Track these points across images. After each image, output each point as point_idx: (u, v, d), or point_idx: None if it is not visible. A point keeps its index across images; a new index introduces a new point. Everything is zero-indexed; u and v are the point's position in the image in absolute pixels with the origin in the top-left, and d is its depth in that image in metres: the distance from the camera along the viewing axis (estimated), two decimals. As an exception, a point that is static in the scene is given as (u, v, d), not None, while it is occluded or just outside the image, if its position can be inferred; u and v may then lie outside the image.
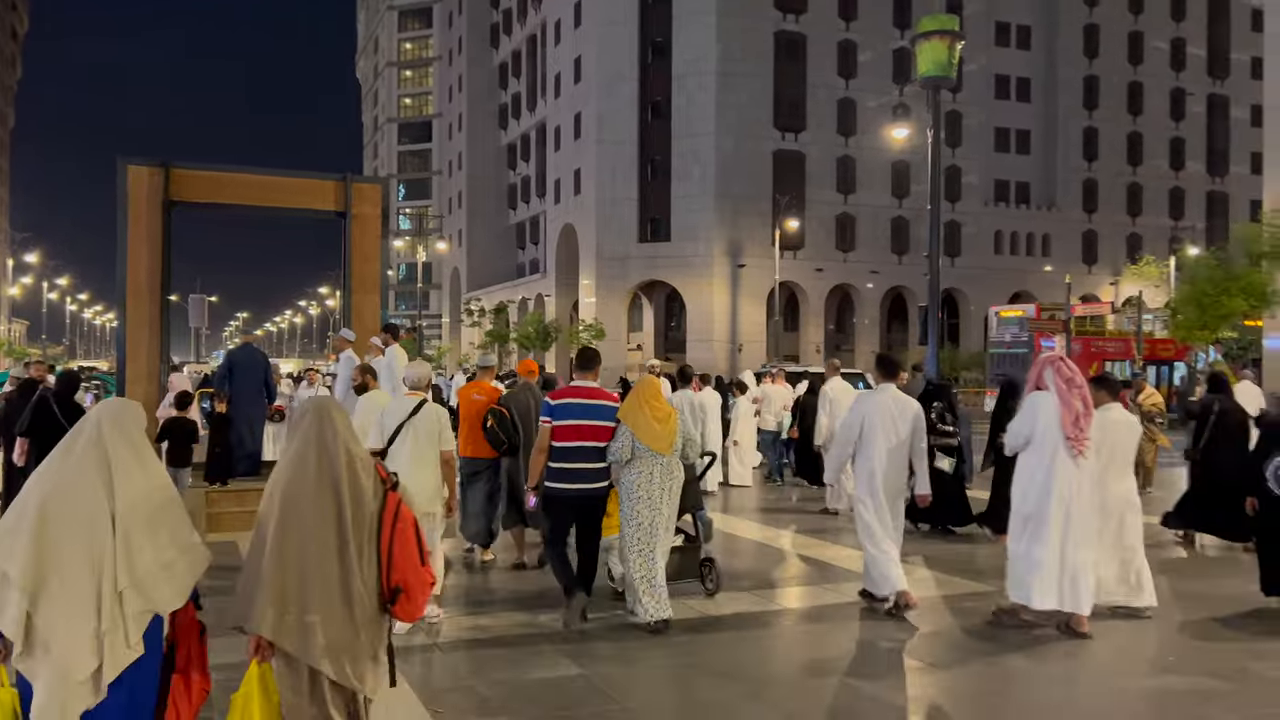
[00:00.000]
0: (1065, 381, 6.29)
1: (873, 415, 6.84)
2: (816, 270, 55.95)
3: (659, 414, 6.37)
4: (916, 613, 6.77)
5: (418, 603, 3.03)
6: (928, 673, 5.67)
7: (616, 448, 6.32)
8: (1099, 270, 62.35)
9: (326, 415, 3.00)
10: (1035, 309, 36.41)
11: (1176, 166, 65.82)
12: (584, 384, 6.54)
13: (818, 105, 56.42)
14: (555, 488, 6.36)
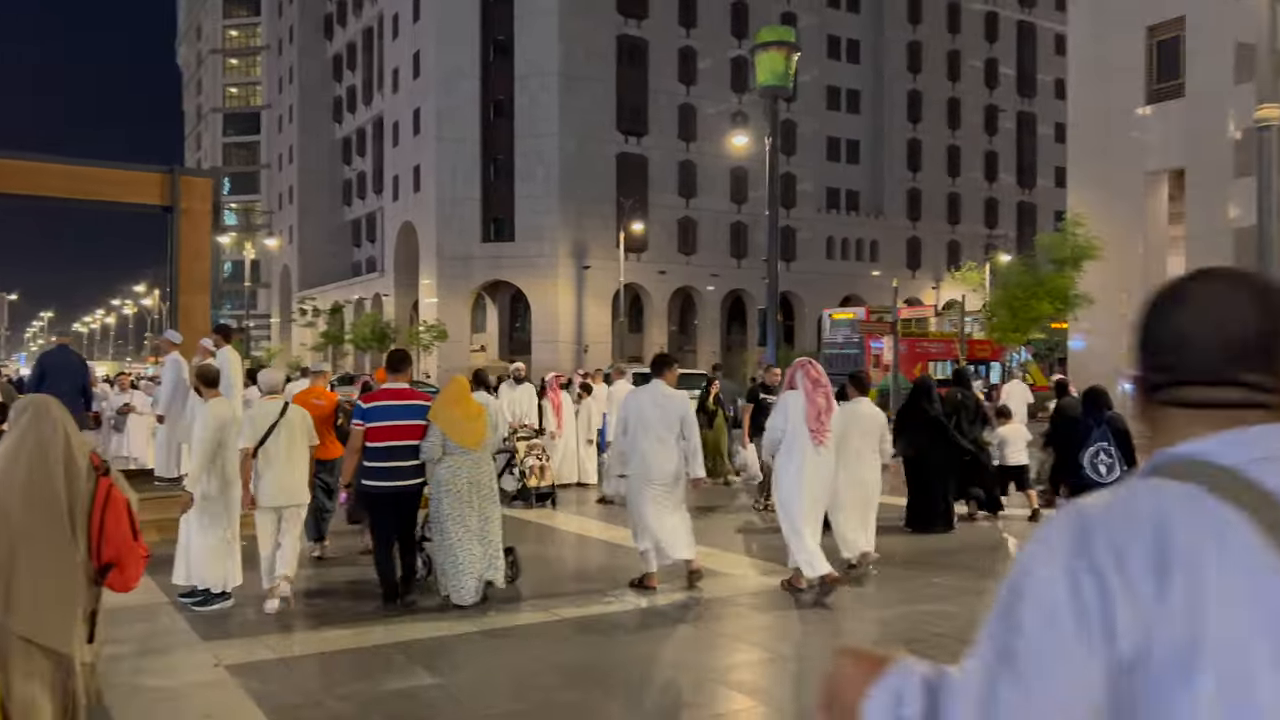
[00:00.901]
0: (812, 382, 7.25)
1: (643, 410, 7.35)
2: (659, 272, 56.81)
3: (468, 412, 6.84)
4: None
5: (130, 574, 3.27)
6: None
7: (428, 446, 6.70)
8: (922, 275, 65.92)
9: (45, 409, 3.20)
10: (865, 311, 38.10)
11: (991, 178, 70.40)
12: (396, 385, 6.90)
13: (659, 110, 57.30)
14: (374, 485, 6.72)
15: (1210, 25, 23.71)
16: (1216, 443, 1.07)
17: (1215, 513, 1.01)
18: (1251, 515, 1.00)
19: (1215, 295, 1.15)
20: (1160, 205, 25.75)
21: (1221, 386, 1.11)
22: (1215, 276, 1.18)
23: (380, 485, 6.72)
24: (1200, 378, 1.12)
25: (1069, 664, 0.96)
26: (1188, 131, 24.33)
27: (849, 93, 65.78)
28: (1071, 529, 1.03)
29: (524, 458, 12.00)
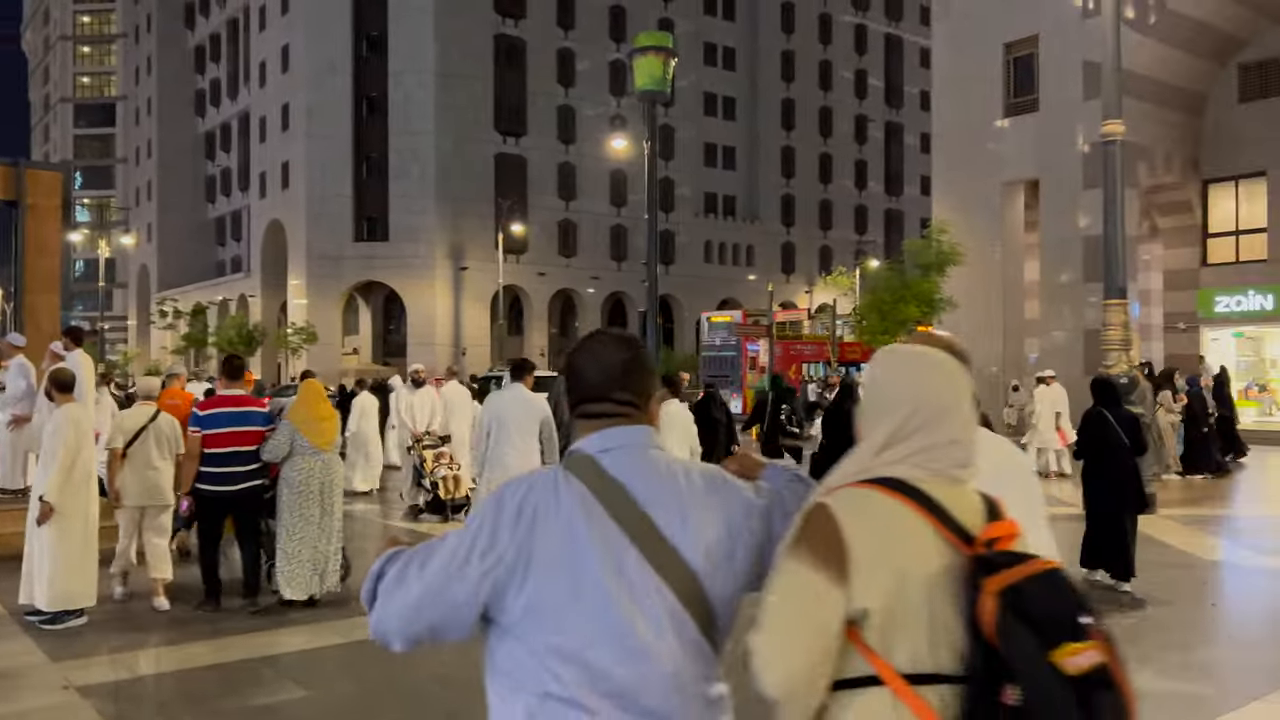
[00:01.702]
0: None
1: (501, 414, 7.47)
2: (539, 274, 56.51)
3: (321, 414, 7.14)
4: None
5: None
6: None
7: (274, 445, 6.88)
8: (796, 279, 67.59)
9: None
10: (742, 315, 38.84)
11: (861, 186, 72.75)
12: (232, 393, 7.04)
13: (538, 111, 57.03)
14: (210, 490, 6.85)
15: (1061, 44, 25.10)
16: (588, 440, 1.77)
17: (562, 482, 1.70)
18: (584, 482, 1.70)
19: (600, 343, 1.84)
20: (1017, 213, 27.10)
21: (598, 403, 1.79)
22: (603, 333, 1.88)
23: (216, 490, 6.85)
24: (589, 397, 1.80)
25: (446, 560, 1.67)
26: (1041, 144, 25.68)
27: (725, 99, 66.92)
28: (495, 494, 1.73)
29: (433, 468, 11.30)
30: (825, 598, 1.56)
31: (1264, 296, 25.35)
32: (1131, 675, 1.52)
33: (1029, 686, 1.45)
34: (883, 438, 1.69)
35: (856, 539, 1.57)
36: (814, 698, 1.58)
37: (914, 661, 1.55)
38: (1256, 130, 25.64)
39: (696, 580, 1.66)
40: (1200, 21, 24.38)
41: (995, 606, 1.49)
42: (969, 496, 1.68)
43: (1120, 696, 1.49)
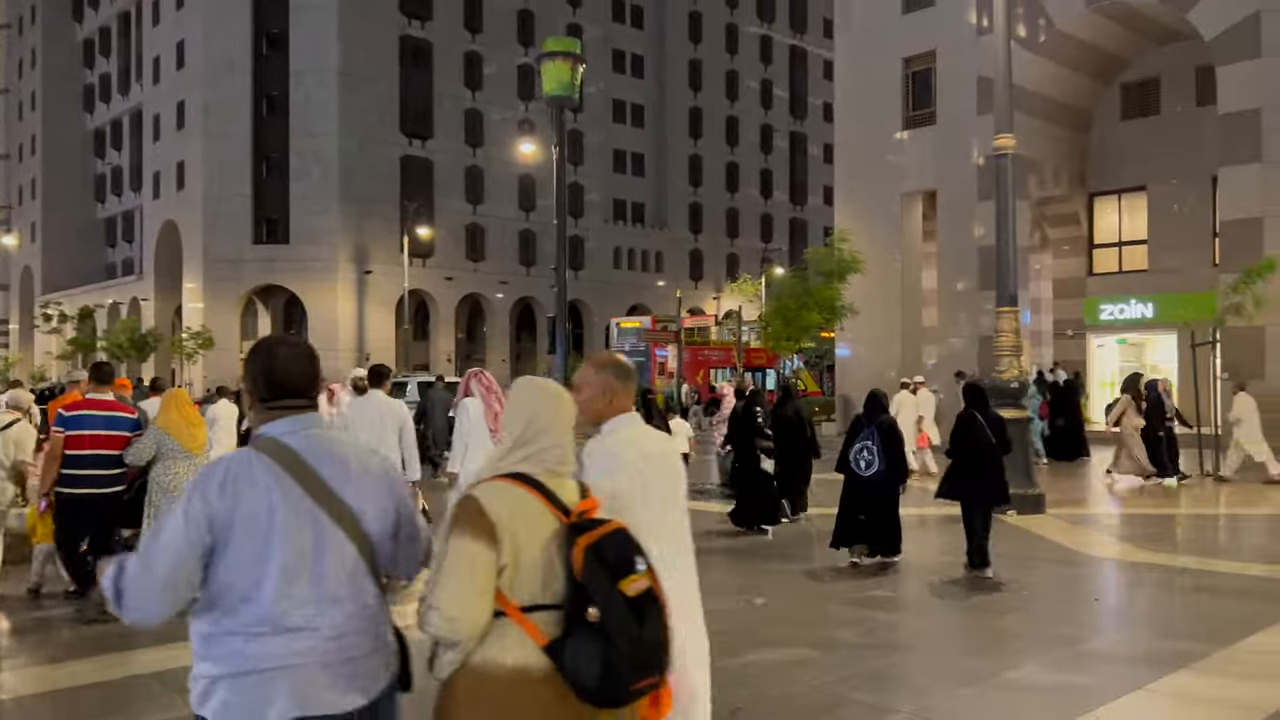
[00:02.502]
0: (485, 388, 7.93)
1: (358, 420, 7.76)
2: (446, 279, 55.80)
3: (191, 419, 7.33)
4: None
5: None
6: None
7: (138, 448, 6.96)
8: (704, 286, 68.26)
9: None
10: (651, 321, 39.08)
11: (766, 195, 73.92)
12: (99, 397, 7.07)
13: (445, 113, 56.36)
14: (70, 492, 6.88)
15: (957, 60, 25.96)
16: (274, 425, 2.33)
17: (254, 458, 2.25)
18: (270, 456, 2.25)
19: (294, 351, 2.43)
20: (915, 223, 27.89)
21: (298, 398, 2.36)
22: (289, 342, 2.47)
23: (77, 492, 6.88)
24: (292, 393, 2.36)
25: (176, 531, 2.17)
26: (939, 156, 26.50)
27: (634, 106, 67.25)
28: (199, 473, 2.27)
29: None
30: (483, 559, 2.25)
31: (1145, 305, 26.61)
32: (1020, 668, 1.58)
33: (604, 606, 2.23)
34: (510, 444, 2.45)
35: (497, 516, 2.28)
36: (480, 630, 2.26)
37: (530, 597, 2.29)
38: (1137, 147, 26.94)
39: (366, 535, 2.32)
40: (1086, 42, 25.51)
41: (582, 556, 2.26)
42: (569, 483, 2.46)
43: (661, 607, 2.34)
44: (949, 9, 26.34)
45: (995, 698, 5.26)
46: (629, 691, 2.26)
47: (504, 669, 2.26)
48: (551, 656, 2.25)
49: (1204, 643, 6.19)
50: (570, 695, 2.24)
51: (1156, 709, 5.14)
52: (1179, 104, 26.27)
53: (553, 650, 2.26)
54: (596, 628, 2.22)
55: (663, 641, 2.33)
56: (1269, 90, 20.74)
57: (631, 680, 2.25)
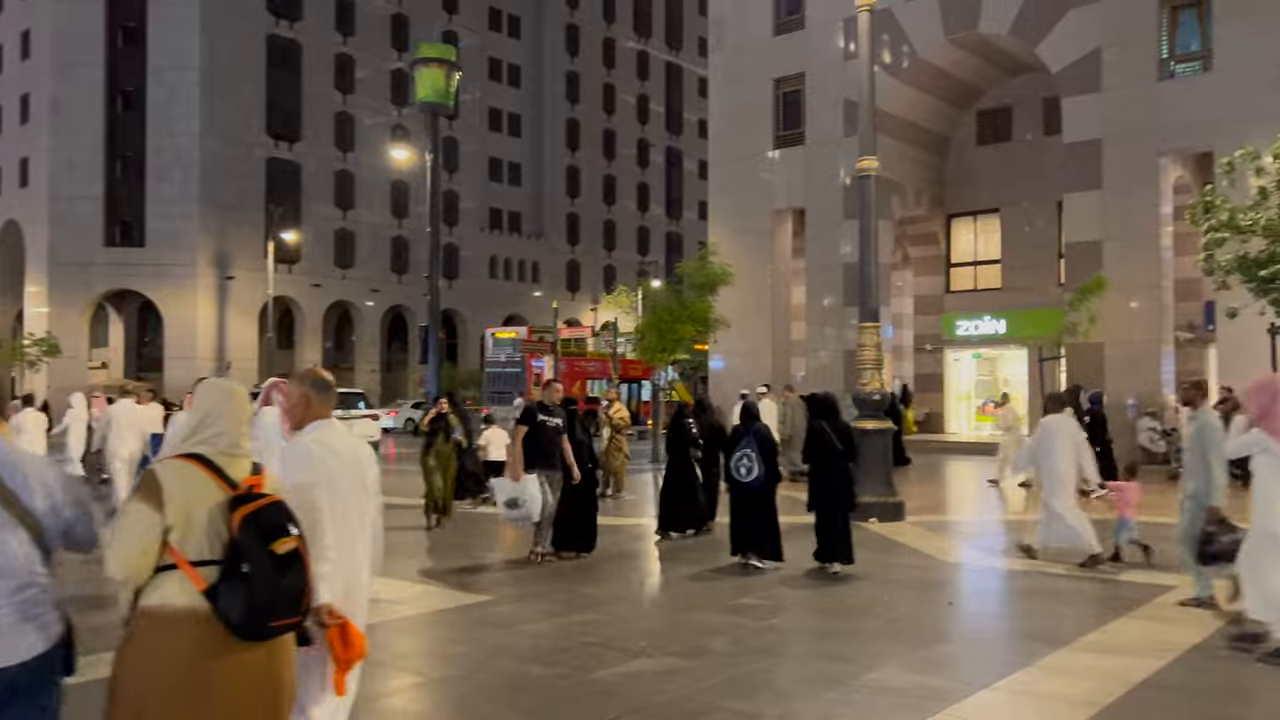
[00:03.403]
0: (285, 397, 8.10)
1: (180, 429, 7.71)
2: (314, 286, 54.14)
3: None
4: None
5: None
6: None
7: None
8: (581, 297, 68.34)
9: None
10: (527, 331, 38.78)
11: (643, 208, 74.65)
12: None
13: (314, 116, 54.78)
14: None
15: (825, 84, 26.87)
16: None
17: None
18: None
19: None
20: (785, 240, 28.68)
21: None
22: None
23: None
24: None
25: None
26: (807, 176, 27.34)
27: (510, 116, 66.91)
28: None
29: None
30: (147, 519, 2.88)
31: (998, 321, 28.04)
32: (879, 669, 1.65)
33: (253, 561, 2.85)
34: (187, 430, 3.13)
35: (167, 485, 2.91)
36: (142, 577, 2.87)
37: (198, 553, 2.89)
38: (991, 171, 28.44)
39: (35, 517, 2.82)
40: (945, 70, 26.81)
41: (239, 522, 2.89)
42: (242, 461, 3.10)
43: (304, 564, 2.99)
44: (818, 33, 27.25)
45: (857, 700, 5.44)
46: (270, 628, 2.90)
47: (176, 610, 2.84)
48: (210, 600, 2.85)
49: (1045, 642, 6.56)
50: (226, 632, 2.84)
51: (1002, 706, 5.41)
52: (1029, 132, 27.87)
53: (210, 594, 2.85)
54: (244, 576, 2.84)
55: (302, 590, 2.97)
56: (1108, 122, 22.24)
57: (271, 619, 2.88)
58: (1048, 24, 23.31)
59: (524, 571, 9.41)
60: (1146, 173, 21.75)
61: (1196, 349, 23.51)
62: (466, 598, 8.10)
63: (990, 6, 24.34)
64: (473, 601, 7.97)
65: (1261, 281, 9.62)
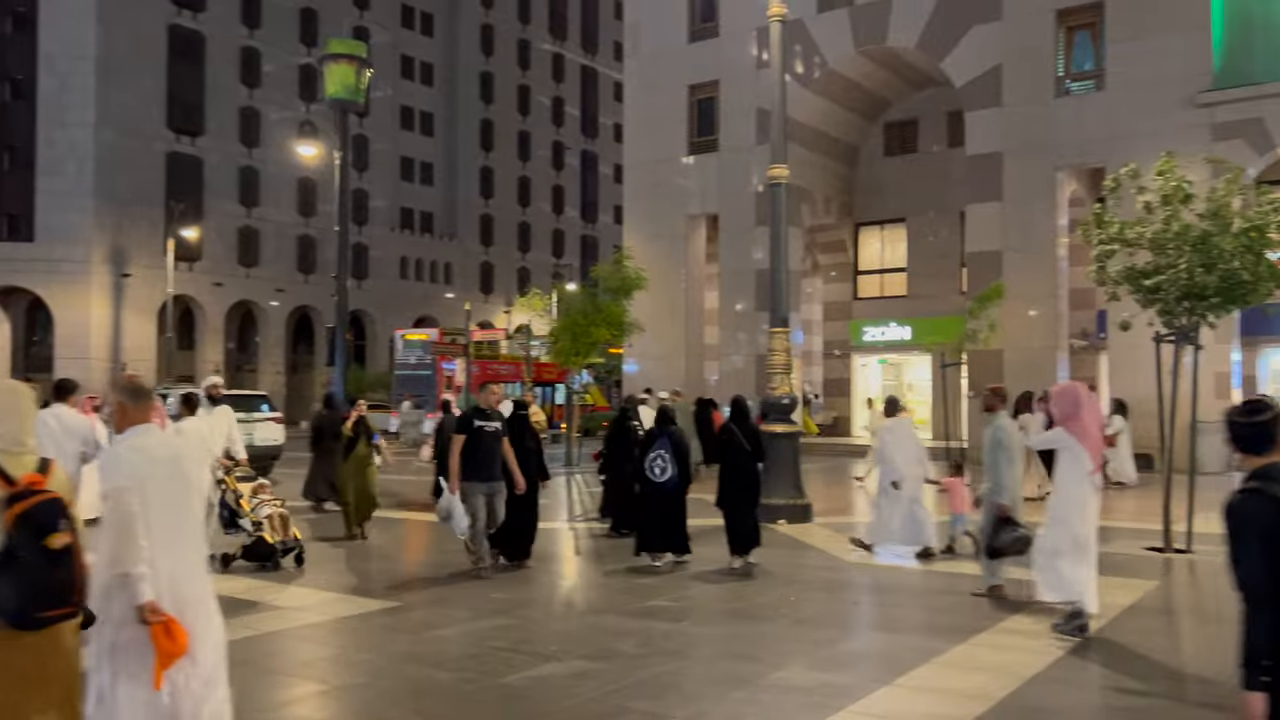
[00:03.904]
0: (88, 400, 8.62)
1: (51, 436, 7.66)
2: (216, 284, 52.48)
3: None
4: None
5: None
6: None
7: None
8: (495, 299, 67.75)
9: None
10: (438, 333, 38.28)
11: (558, 211, 74.41)
12: None
13: (218, 110, 53.13)
14: None
15: (738, 91, 27.23)
16: None
17: None
18: None
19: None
20: (699, 245, 28.94)
21: None
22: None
23: None
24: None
25: None
26: (721, 182, 27.65)
27: (423, 115, 65.99)
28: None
29: (254, 505, 9.44)
30: None
31: (903, 328, 28.77)
32: (785, 669, 1.68)
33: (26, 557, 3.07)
34: None
35: None
36: None
37: None
38: (898, 181, 29.19)
39: None
40: (855, 82, 27.42)
41: (13, 519, 3.09)
42: (24, 459, 3.25)
43: (76, 560, 3.22)
44: (731, 42, 27.59)
45: (763, 699, 5.52)
46: (42, 618, 3.08)
47: None
48: None
49: (945, 639, 6.76)
50: (2, 622, 3.02)
51: (902, 701, 5.55)
52: (934, 144, 28.70)
53: None
54: (17, 570, 3.03)
55: (73, 583, 3.20)
56: (1008, 136, 23.04)
57: (44, 609, 3.09)
58: (952, 39, 24.04)
59: (434, 576, 9.29)
60: (1044, 186, 22.59)
61: (1090, 356, 24.51)
62: (373, 604, 7.96)
63: (898, 21, 24.99)
64: (380, 608, 7.83)
65: (1147, 292, 10.07)
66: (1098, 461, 6.91)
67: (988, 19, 23.42)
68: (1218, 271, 9.51)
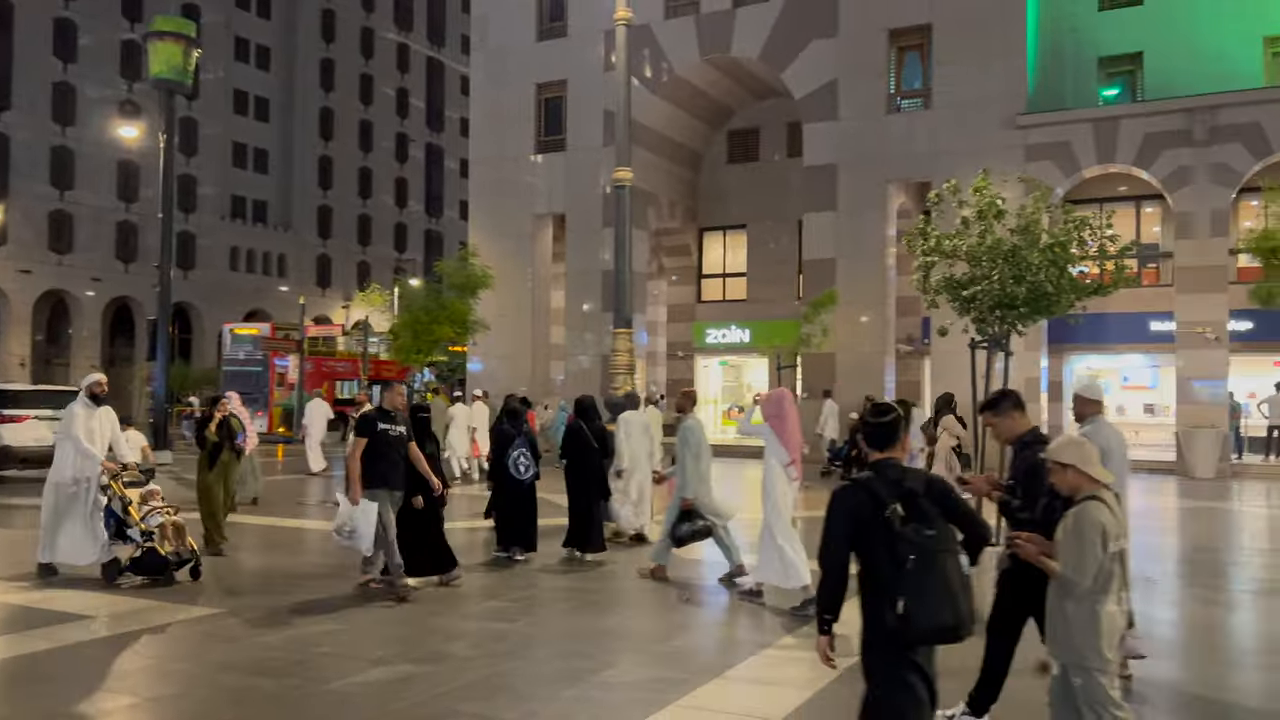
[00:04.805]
0: None
1: None
2: (23, 271, 48.57)
3: None
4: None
5: None
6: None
7: None
8: (332, 293, 65.48)
9: None
10: (270, 328, 36.72)
11: (401, 204, 72.62)
12: None
13: (28, 84, 49.24)
14: None
15: (586, 92, 27.32)
16: None
17: None
18: None
19: None
20: (546, 245, 28.86)
21: None
22: None
23: None
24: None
25: None
26: (568, 182, 27.66)
27: (258, 99, 63.11)
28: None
29: (144, 513, 8.65)
30: None
31: (743, 331, 29.57)
32: (617, 665, 1.70)
33: None
34: None
35: None
36: None
37: None
38: (740, 189, 29.98)
39: None
40: (701, 89, 27.98)
41: None
42: None
43: None
44: (580, 42, 27.65)
45: (595, 696, 5.56)
46: None
47: None
48: None
49: (774, 631, 7.00)
50: None
51: (731, 693, 5.70)
52: (775, 153, 29.62)
53: None
54: None
55: None
56: (843, 149, 24.04)
57: None
58: (793, 52, 24.88)
59: (260, 582, 8.90)
60: (875, 198, 23.69)
61: (915, 360, 25.87)
62: (193, 611, 7.56)
63: (742, 31, 25.66)
64: (201, 615, 7.45)
65: (964, 301, 10.71)
66: (795, 455, 7.86)
67: (826, 34, 24.36)
68: (1026, 283, 10.23)
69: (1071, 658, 3.88)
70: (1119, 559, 3.88)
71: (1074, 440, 4.12)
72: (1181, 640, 7.43)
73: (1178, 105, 21.34)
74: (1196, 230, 20.94)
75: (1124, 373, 26.25)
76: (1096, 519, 3.81)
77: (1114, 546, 3.83)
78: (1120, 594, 3.90)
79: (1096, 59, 24.99)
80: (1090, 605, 3.83)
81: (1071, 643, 3.87)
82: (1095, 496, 3.89)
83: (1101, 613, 3.82)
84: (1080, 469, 3.93)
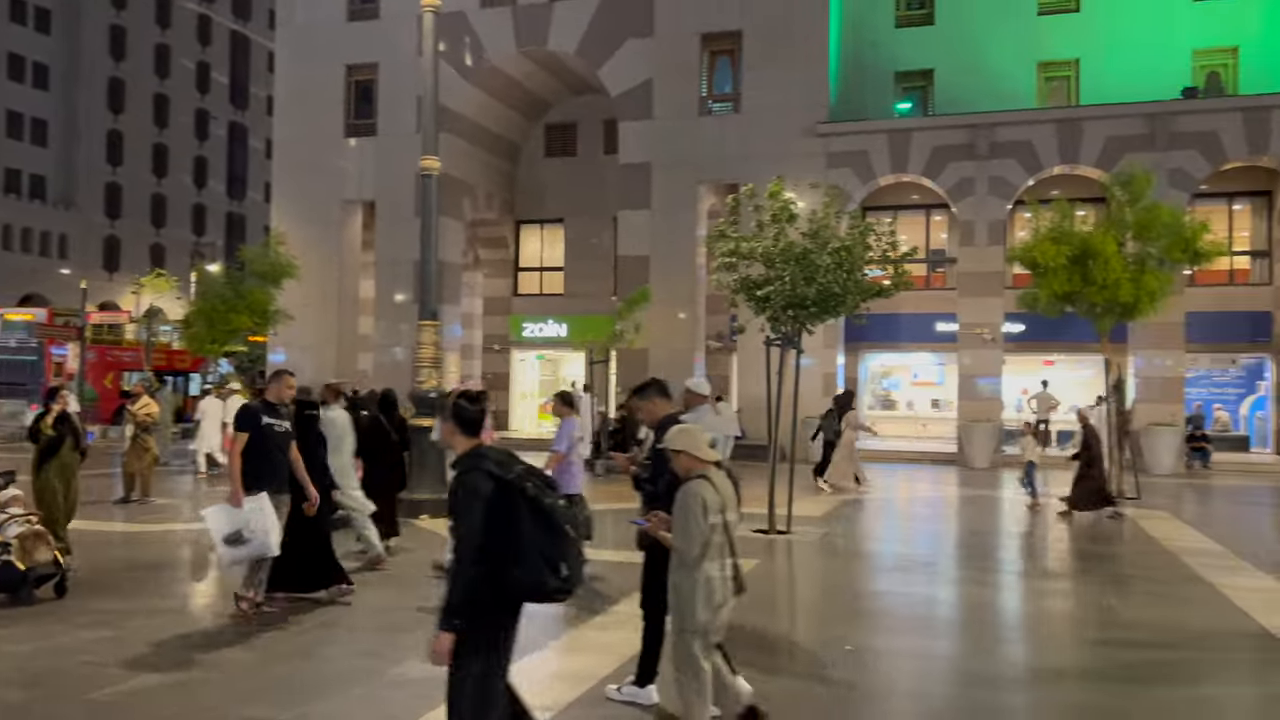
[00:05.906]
0: None
1: None
2: None
3: None
4: None
5: None
6: None
7: None
8: (121, 278, 60.84)
9: None
10: (47, 313, 33.86)
11: (200, 184, 68.43)
12: None
13: None
14: None
15: (397, 76, 26.61)
16: None
17: None
18: None
19: None
20: (355, 232, 27.94)
21: None
22: None
23: None
24: None
25: None
26: (379, 168, 26.87)
27: (36, 65, 57.93)
28: None
29: None
30: None
31: (560, 325, 29.63)
32: (403, 663, 1.67)
33: None
34: None
35: None
36: None
37: None
38: (557, 183, 30.01)
39: None
40: (517, 80, 27.80)
41: None
42: None
43: None
44: (391, 25, 26.91)
45: (384, 695, 5.47)
46: None
47: None
48: None
49: (586, 610, 7.09)
50: None
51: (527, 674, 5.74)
52: (592, 149, 29.81)
53: None
54: None
55: None
56: (657, 148, 24.50)
57: None
58: (609, 50, 25.13)
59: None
60: (687, 198, 24.28)
61: (723, 356, 26.70)
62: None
63: (559, 25, 25.68)
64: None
65: (759, 301, 11.17)
66: None
67: (642, 34, 24.74)
68: (816, 284, 10.79)
69: (675, 621, 4.39)
70: (723, 529, 4.34)
71: (684, 429, 4.58)
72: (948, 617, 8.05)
73: (963, 121, 23.03)
74: (976, 238, 22.66)
75: (914, 370, 28.07)
76: (699, 493, 4.30)
77: (714, 518, 4.30)
78: (723, 561, 4.34)
79: (893, 73, 26.57)
80: (693, 571, 4.30)
81: (678, 608, 4.37)
82: (704, 475, 4.37)
83: (700, 578, 4.29)
84: (691, 453, 4.42)
